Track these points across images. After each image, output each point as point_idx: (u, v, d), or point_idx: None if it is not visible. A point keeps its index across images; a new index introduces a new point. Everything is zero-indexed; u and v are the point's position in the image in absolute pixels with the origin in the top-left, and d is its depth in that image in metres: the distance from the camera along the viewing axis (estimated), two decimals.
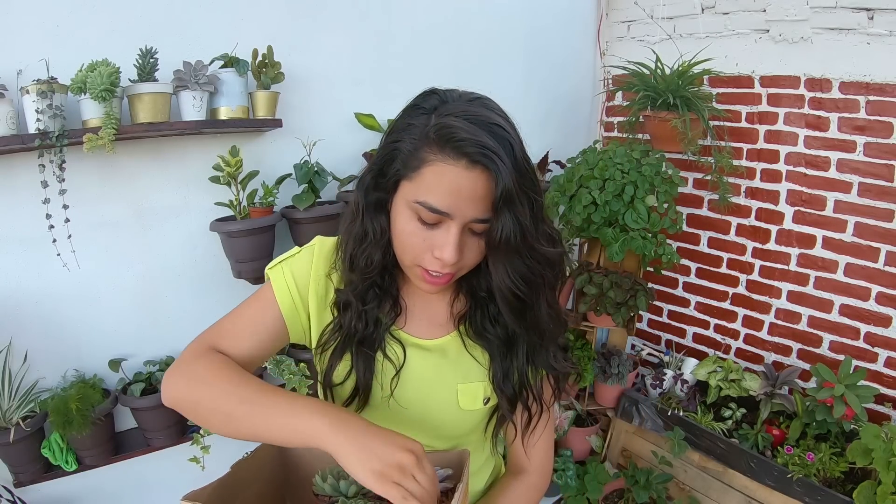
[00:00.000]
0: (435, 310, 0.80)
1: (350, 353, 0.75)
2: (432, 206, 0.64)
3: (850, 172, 1.74)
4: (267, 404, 0.62)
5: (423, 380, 0.77)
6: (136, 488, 1.56)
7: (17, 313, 1.33)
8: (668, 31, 2.09)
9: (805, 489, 1.54)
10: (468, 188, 0.63)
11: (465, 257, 0.68)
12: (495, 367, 0.77)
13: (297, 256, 0.79)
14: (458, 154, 0.62)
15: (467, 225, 0.65)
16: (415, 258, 0.68)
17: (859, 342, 1.77)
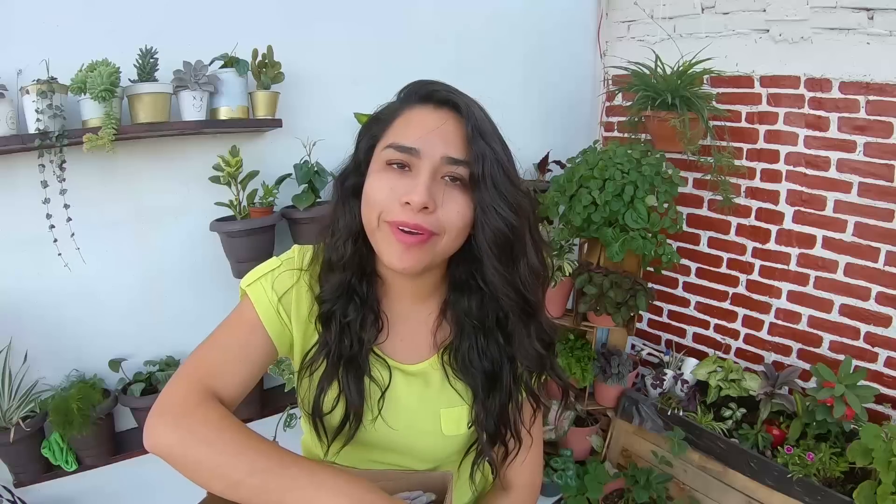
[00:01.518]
0: (416, 333, 0.77)
1: (338, 378, 0.71)
2: (400, 143, 0.63)
3: (850, 172, 1.74)
4: (283, 477, 0.56)
5: (405, 405, 0.75)
6: (136, 488, 1.56)
7: (17, 313, 1.33)
8: (668, 31, 2.08)
9: (805, 489, 1.54)
10: (436, 125, 0.64)
11: (442, 210, 0.64)
12: (478, 406, 0.74)
13: (276, 270, 0.74)
14: (425, 99, 0.66)
15: (440, 169, 0.63)
16: (381, 210, 0.64)
17: (859, 342, 1.77)
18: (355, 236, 0.69)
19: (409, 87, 0.70)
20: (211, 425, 0.59)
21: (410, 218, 0.62)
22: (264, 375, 1.57)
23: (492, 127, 0.67)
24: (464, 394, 0.75)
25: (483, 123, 0.65)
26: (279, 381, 1.71)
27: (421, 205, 0.61)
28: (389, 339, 0.76)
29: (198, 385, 0.64)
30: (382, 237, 0.65)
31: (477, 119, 0.64)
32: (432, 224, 0.63)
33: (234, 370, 0.68)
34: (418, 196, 0.61)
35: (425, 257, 0.65)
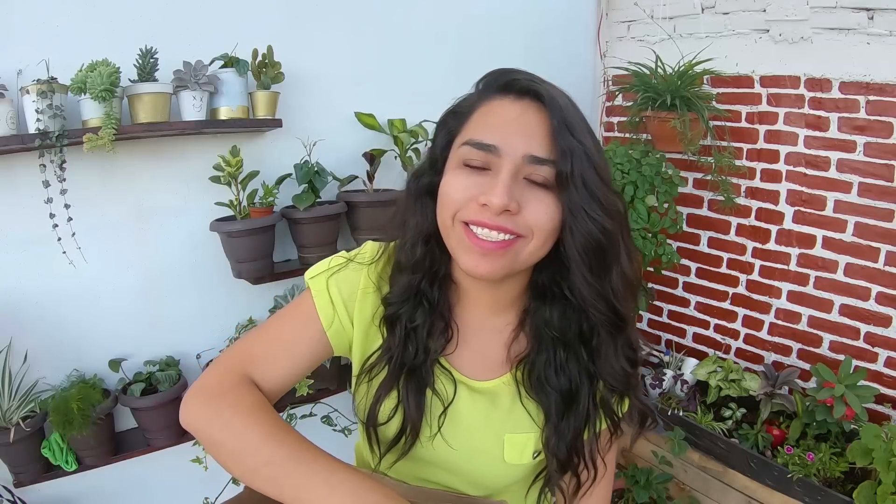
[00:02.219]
0: (489, 346, 0.70)
1: (398, 388, 0.67)
2: (478, 140, 0.57)
3: (850, 172, 1.73)
4: (300, 473, 0.54)
5: (467, 425, 0.69)
6: (136, 488, 1.56)
7: (17, 313, 1.33)
8: (668, 31, 2.08)
9: (805, 489, 1.54)
10: (517, 119, 0.57)
11: (523, 214, 0.57)
12: (549, 430, 0.67)
13: (344, 265, 0.70)
14: (504, 90, 0.59)
15: (522, 168, 0.56)
16: (456, 210, 0.58)
17: (859, 342, 1.77)
18: (427, 238, 0.64)
19: (487, 76, 0.65)
20: (239, 409, 0.59)
21: (490, 219, 0.56)
22: None
23: (580, 118, 0.59)
24: (535, 416, 0.68)
25: (570, 114, 0.57)
26: None
27: (501, 207, 0.55)
28: (458, 350, 0.69)
29: (236, 369, 0.64)
30: (458, 240, 0.60)
31: (563, 110, 0.57)
32: (516, 225, 0.57)
33: (278, 362, 0.66)
34: (498, 197, 0.55)
35: (507, 264, 0.59)
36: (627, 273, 0.62)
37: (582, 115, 0.59)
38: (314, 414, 1.67)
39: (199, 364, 1.58)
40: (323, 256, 1.59)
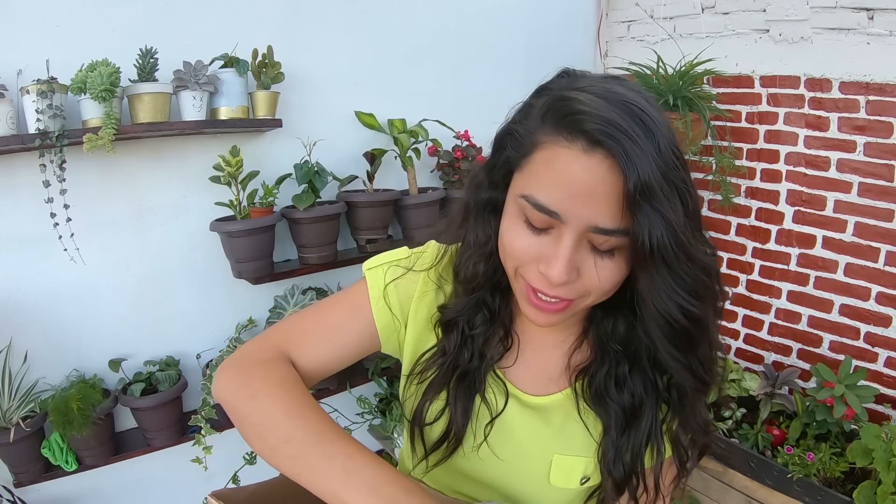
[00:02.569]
0: (549, 358, 0.66)
1: (448, 390, 0.64)
2: (538, 202, 0.49)
3: (850, 172, 1.74)
4: (317, 455, 0.51)
5: (515, 440, 0.65)
6: (136, 488, 1.56)
7: (17, 313, 1.33)
8: (668, 31, 2.08)
9: (805, 489, 1.54)
10: (585, 180, 0.47)
11: (583, 280, 0.52)
12: (607, 444, 0.61)
13: (404, 260, 0.68)
14: (574, 132, 0.47)
15: (586, 236, 0.50)
16: (518, 266, 0.55)
17: (859, 342, 1.77)
18: (488, 256, 0.59)
19: (552, 102, 0.51)
20: (267, 382, 0.57)
21: (548, 289, 0.52)
22: None
23: (670, 168, 0.47)
24: (592, 430, 0.63)
25: (655, 171, 0.46)
26: None
27: (559, 283, 0.51)
28: (518, 363, 0.66)
29: (274, 346, 0.63)
30: (519, 290, 0.56)
31: (640, 169, 0.45)
32: (573, 292, 0.53)
33: (318, 346, 0.64)
34: (556, 274, 0.50)
35: (565, 317, 0.56)
36: (717, 345, 0.57)
37: (674, 158, 0.48)
38: None
39: (199, 364, 1.58)
40: (323, 256, 1.61)
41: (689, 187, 0.50)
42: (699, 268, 0.51)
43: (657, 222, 0.47)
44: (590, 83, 0.51)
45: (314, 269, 1.61)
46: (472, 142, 1.86)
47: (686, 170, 0.50)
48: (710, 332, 0.55)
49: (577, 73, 0.56)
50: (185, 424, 1.50)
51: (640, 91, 0.51)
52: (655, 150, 0.46)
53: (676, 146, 0.49)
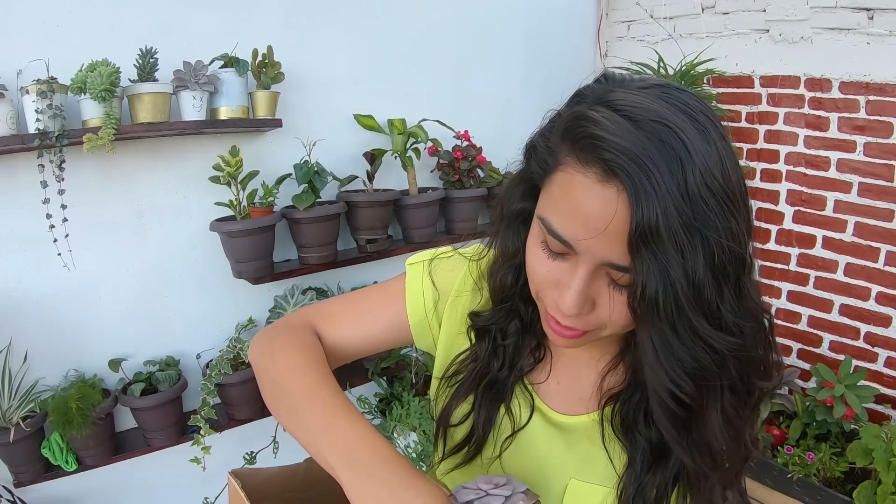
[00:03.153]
0: (580, 377, 0.62)
1: (475, 395, 0.63)
2: (553, 229, 0.46)
3: (850, 172, 1.74)
4: (306, 411, 0.52)
5: (534, 457, 0.62)
6: (136, 488, 1.56)
7: (17, 313, 1.33)
8: (669, 31, 2.08)
9: (805, 489, 1.54)
10: (598, 213, 0.43)
11: (598, 312, 0.48)
12: (629, 478, 0.56)
13: (447, 259, 0.67)
14: (590, 159, 0.43)
15: (602, 268, 0.46)
16: (538, 290, 0.53)
17: (859, 342, 1.77)
18: (517, 269, 0.57)
19: (572, 122, 0.45)
20: (286, 344, 0.59)
21: (562, 318, 0.50)
22: None
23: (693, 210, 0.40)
24: (616, 461, 0.58)
25: (669, 214, 0.40)
26: None
27: (570, 314, 0.48)
28: (544, 377, 0.63)
29: (304, 318, 0.65)
30: (541, 310, 0.54)
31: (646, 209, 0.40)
32: (587, 324, 0.50)
33: (345, 324, 0.66)
34: (567, 306, 0.47)
35: (586, 342, 0.53)
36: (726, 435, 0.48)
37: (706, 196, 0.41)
38: None
39: (199, 364, 1.58)
40: (323, 256, 1.61)
41: (725, 235, 0.41)
42: (703, 344, 0.43)
43: (654, 273, 0.41)
44: (623, 95, 0.44)
45: (314, 269, 1.61)
46: (472, 142, 1.86)
47: (730, 211, 0.42)
48: (709, 428, 0.47)
49: (617, 79, 0.49)
50: (184, 424, 1.50)
51: (687, 105, 0.43)
52: (679, 185, 0.40)
53: (720, 179, 0.41)
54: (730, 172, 0.42)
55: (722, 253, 0.42)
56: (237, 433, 1.57)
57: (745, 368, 0.47)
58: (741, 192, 0.43)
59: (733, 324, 0.44)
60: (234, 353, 1.50)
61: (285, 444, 1.62)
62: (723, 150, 0.42)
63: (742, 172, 0.44)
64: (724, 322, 0.44)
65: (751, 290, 0.45)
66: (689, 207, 0.40)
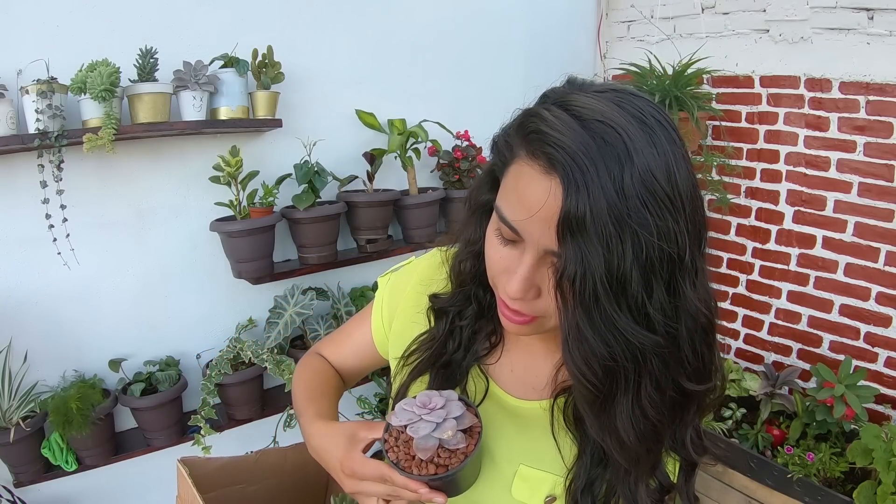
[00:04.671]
0: (536, 367, 0.64)
1: (430, 374, 0.65)
2: (503, 215, 0.50)
3: (850, 172, 1.74)
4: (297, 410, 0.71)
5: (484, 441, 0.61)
6: (136, 488, 1.56)
7: (17, 313, 1.33)
8: (668, 32, 2.08)
9: (805, 489, 1.54)
10: (540, 202, 0.45)
11: (543, 300, 0.50)
12: (579, 469, 0.57)
13: (406, 267, 0.75)
14: (537, 152, 0.46)
15: (547, 257, 0.48)
16: (492, 276, 0.55)
17: (859, 342, 1.77)
18: (476, 256, 0.60)
19: (525, 118, 0.49)
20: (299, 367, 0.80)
21: (510, 302, 0.52)
22: (264, 375, 1.57)
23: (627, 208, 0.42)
24: (565, 452, 0.59)
25: (600, 208, 0.42)
26: (279, 381, 1.71)
27: (515, 297, 0.50)
28: (501, 362, 0.65)
29: (314, 346, 0.84)
30: (497, 298, 0.56)
31: (579, 201, 0.42)
32: (533, 310, 0.52)
33: (340, 347, 0.81)
34: (512, 289, 0.50)
35: (535, 330, 0.55)
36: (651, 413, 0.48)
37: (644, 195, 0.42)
38: None
39: (199, 364, 1.58)
40: (323, 256, 1.61)
41: (660, 235, 0.43)
42: (619, 335, 0.44)
43: (575, 259, 0.43)
44: (578, 97, 0.46)
45: (314, 269, 1.61)
46: (472, 142, 1.86)
47: (669, 212, 0.43)
48: (617, 417, 0.48)
49: (577, 83, 0.52)
50: (184, 424, 1.50)
51: (639, 109, 0.45)
52: (615, 182, 0.42)
53: (661, 182, 0.43)
54: (676, 177, 0.44)
55: (652, 251, 0.43)
56: (237, 433, 1.57)
57: (670, 368, 0.47)
58: (689, 196, 0.45)
59: (660, 322, 0.45)
60: (234, 353, 1.50)
61: (285, 444, 1.62)
62: (671, 155, 0.44)
63: (695, 180, 0.46)
64: (650, 319, 0.45)
65: (689, 292, 0.46)
66: (622, 204, 0.42)
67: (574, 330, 0.46)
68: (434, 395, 0.54)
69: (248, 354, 1.50)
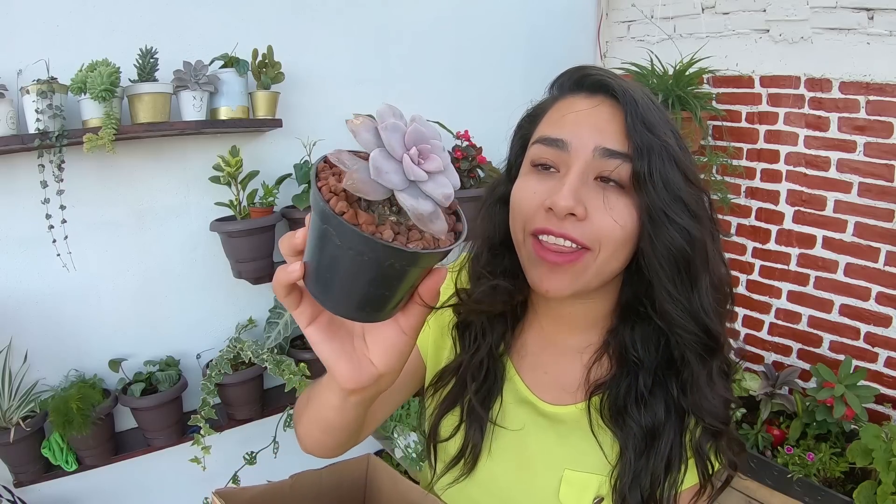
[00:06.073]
0: (567, 366, 0.63)
1: (462, 405, 0.63)
2: (546, 135, 0.53)
3: (850, 172, 1.73)
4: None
5: (528, 450, 0.62)
6: (136, 488, 1.56)
7: (17, 313, 1.33)
8: (668, 32, 2.08)
9: (805, 489, 1.54)
10: (588, 113, 0.53)
11: (592, 221, 0.51)
12: (623, 466, 0.57)
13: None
14: (577, 87, 0.56)
15: (593, 165, 0.51)
16: (525, 220, 0.54)
17: (859, 342, 1.77)
18: (493, 246, 0.60)
19: (561, 75, 0.60)
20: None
21: (555, 226, 0.51)
22: (264, 375, 1.57)
23: (660, 116, 0.53)
24: (608, 451, 0.59)
25: (648, 111, 0.52)
26: (279, 381, 1.71)
27: (565, 210, 0.50)
28: (532, 367, 0.63)
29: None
30: (528, 255, 0.55)
31: (639, 105, 0.51)
32: (582, 235, 0.51)
33: None
34: (562, 199, 0.50)
35: (575, 280, 0.53)
36: (718, 284, 0.54)
37: (665, 114, 0.54)
38: None
39: (199, 364, 1.58)
40: None
41: (674, 125, 0.54)
42: (696, 189, 0.53)
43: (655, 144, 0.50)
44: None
45: None
46: (472, 142, 1.86)
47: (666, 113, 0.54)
48: (711, 265, 0.54)
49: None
50: (184, 424, 1.50)
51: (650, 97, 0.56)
52: (647, 98, 0.53)
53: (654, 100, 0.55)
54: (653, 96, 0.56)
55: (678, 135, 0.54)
56: (237, 433, 1.57)
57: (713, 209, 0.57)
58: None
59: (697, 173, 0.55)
60: (234, 353, 1.50)
61: (285, 444, 1.63)
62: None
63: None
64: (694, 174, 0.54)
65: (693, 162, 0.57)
66: (655, 110, 0.53)
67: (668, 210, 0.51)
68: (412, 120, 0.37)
69: (248, 354, 1.50)
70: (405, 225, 0.34)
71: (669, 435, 0.57)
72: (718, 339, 0.54)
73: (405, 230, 0.34)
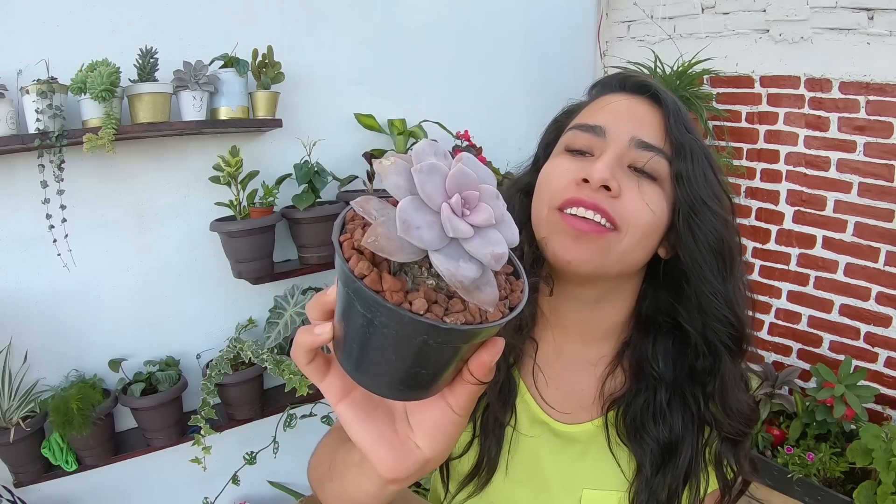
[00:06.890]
0: (580, 381, 0.61)
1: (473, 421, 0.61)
2: (584, 123, 0.55)
3: (850, 172, 1.74)
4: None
5: (544, 474, 0.60)
6: (136, 488, 1.56)
7: (17, 313, 1.33)
8: (668, 31, 2.08)
9: (805, 489, 1.54)
10: (628, 107, 0.55)
11: (623, 199, 0.51)
12: (640, 484, 0.57)
13: None
14: (618, 87, 0.58)
15: (628, 153, 0.53)
16: (553, 196, 0.53)
17: (859, 342, 1.77)
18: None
19: (603, 77, 0.63)
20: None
21: (588, 195, 0.51)
22: (264, 375, 1.57)
23: (686, 115, 0.57)
24: (625, 467, 0.59)
25: (685, 114, 0.56)
26: (279, 381, 1.71)
27: (600, 181, 0.50)
28: (545, 382, 0.61)
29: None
30: (550, 227, 0.53)
31: (679, 108, 0.55)
32: (613, 210, 0.51)
33: None
34: (598, 171, 0.50)
35: (598, 255, 0.51)
36: (746, 280, 0.58)
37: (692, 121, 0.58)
38: (314, 414, 1.67)
39: (199, 364, 1.58)
40: (323, 256, 1.61)
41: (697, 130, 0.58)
42: (722, 183, 0.56)
43: (695, 145, 0.53)
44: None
45: (314, 270, 1.61)
46: (472, 142, 1.86)
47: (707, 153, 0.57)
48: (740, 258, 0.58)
49: None
50: (184, 424, 1.50)
51: None
52: (680, 105, 0.56)
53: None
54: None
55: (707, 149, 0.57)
56: (237, 433, 1.57)
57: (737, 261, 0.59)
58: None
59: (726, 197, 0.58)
60: (234, 353, 1.50)
61: (285, 444, 1.63)
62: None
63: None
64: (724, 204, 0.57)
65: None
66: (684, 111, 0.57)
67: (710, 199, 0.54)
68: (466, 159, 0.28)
69: (248, 354, 1.50)
70: (445, 291, 0.27)
71: (688, 450, 0.57)
72: (746, 334, 0.58)
73: (444, 298, 0.27)
